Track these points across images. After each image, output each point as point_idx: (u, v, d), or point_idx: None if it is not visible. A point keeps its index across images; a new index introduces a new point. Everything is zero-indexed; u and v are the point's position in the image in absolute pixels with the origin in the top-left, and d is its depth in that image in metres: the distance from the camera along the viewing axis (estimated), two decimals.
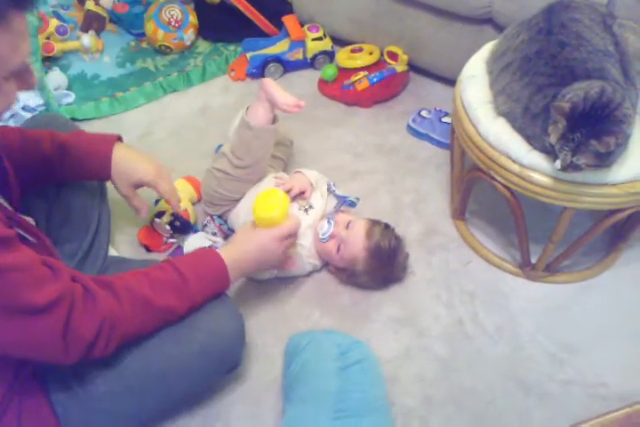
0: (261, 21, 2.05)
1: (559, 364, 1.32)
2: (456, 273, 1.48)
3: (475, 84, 1.35)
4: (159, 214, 1.50)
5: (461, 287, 1.45)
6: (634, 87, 1.21)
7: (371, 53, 1.91)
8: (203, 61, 2.03)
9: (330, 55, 2.00)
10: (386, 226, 1.42)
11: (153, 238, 1.51)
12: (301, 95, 1.48)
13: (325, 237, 1.40)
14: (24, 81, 0.85)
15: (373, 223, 1.41)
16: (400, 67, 1.90)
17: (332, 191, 1.51)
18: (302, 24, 1.99)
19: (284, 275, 1.43)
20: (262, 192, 1.30)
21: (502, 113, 1.27)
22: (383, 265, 1.39)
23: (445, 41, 1.79)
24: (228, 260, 1.12)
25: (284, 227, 1.23)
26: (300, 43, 1.96)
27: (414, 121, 1.81)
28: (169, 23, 1.99)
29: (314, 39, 1.95)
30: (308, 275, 1.47)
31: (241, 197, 1.48)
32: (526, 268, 1.45)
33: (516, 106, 1.23)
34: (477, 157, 1.31)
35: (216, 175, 1.45)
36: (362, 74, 1.87)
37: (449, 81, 1.82)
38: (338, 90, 1.90)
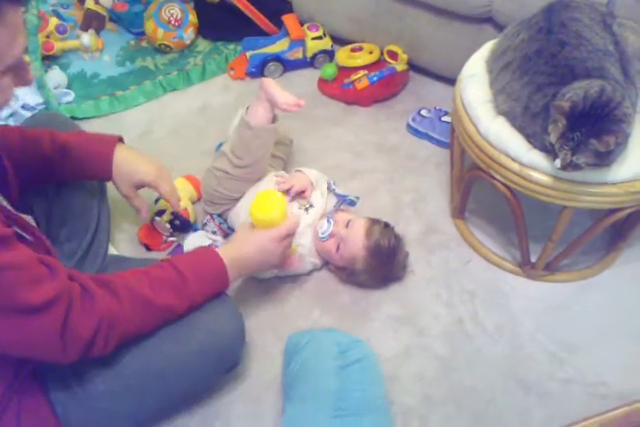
0: (261, 20, 2.04)
1: (559, 363, 1.33)
2: (456, 272, 1.48)
3: (475, 83, 1.35)
4: (159, 213, 1.50)
5: (461, 286, 1.45)
6: (633, 86, 1.21)
7: (370, 52, 1.91)
8: (202, 60, 2.02)
9: (330, 54, 2.00)
10: (385, 225, 1.42)
11: (153, 237, 1.51)
12: (301, 94, 1.48)
13: (325, 236, 1.40)
14: (20, 76, 0.85)
15: (373, 222, 1.41)
16: (400, 66, 1.90)
17: (332, 190, 1.51)
18: (302, 23, 1.99)
19: (284, 274, 1.43)
20: (259, 193, 1.29)
21: (502, 112, 1.27)
22: (383, 264, 1.39)
23: (445, 40, 1.79)
24: (228, 259, 1.12)
25: (283, 227, 1.22)
26: (300, 42, 1.95)
27: (414, 120, 1.80)
28: (169, 22, 1.99)
29: (314, 38, 1.95)
30: (308, 274, 1.47)
31: (241, 197, 1.48)
32: (526, 267, 1.46)
33: (516, 105, 1.23)
34: (477, 156, 1.31)
35: (216, 174, 1.45)
36: (362, 73, 1.87)
37: (449, 80, 1.82)
38: (338, 89, 1.90)
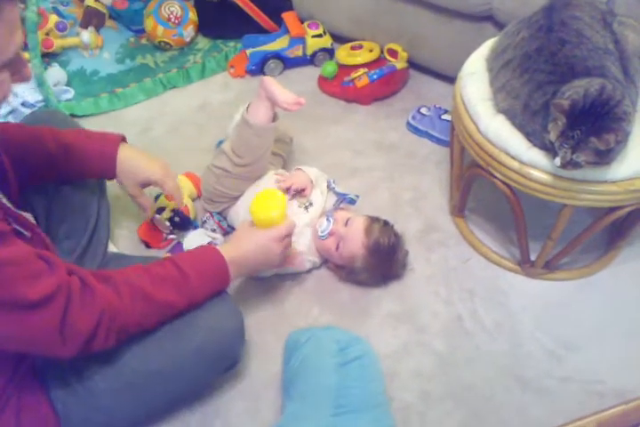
0: (261, 18, 2.04)
1: (557, 360, 1.33)
2: (455, 270, 1.48)
3: (475, 81, 1.35)
4: (159, 210, 1.50)
5: (460, 284, 1.46)
6: (633, 85, 1.21)
7: (371, 50, 1.91)
8: (202, 58, 2.02)
9: (330, 52, 2.00)
10: (385, 223, 1.42)
11: (153, 235, 1.51)
12: (301, 92, 1.48)
13: (324, 234, 1.40)
14: (18, 73, 0.84)
15: (372, 220, 1.41)
16: (400, 64, 1.90)
17: (332, 188, 1.51)
18: (302, 21, 1.99)
19: (284, 272, 1.43)
20: (259, 192, 1.29)
21: (502, 110, 1.27)
22: (382, 262, 1.39)
23: (445, 38, 1.79)
24: (228, 257, 1.12)
25: (283, 227, 1.22)
26: (300, 39, 1.95)
27: (414, 118, 1.81)
28: (168, 19, 1.99)
29: (314, 36, 1.95)
30: (308, 272, 1.47)
31: (240, 195, 1.48)
32: (525, 265, 1.46)
33: (516, 103, 1.23)
34: (477, 154, 1.31)
35: (215, 173, 1.45)
36: (361, 71, 1.87)
37: (449, 78, 1.82)
38: (337, 87, 1.90)
